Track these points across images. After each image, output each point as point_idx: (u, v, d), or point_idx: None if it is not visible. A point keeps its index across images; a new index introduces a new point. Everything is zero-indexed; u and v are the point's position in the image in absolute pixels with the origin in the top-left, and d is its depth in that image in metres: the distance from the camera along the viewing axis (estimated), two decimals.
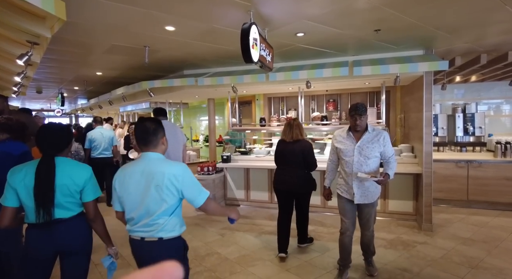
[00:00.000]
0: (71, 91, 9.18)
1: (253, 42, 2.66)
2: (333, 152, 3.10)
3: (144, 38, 3.75)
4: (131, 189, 1.81)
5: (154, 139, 1.87)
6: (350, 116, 2.84)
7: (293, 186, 3.52)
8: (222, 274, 3.23)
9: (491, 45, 4.18)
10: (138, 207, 1.80)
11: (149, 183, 1.77)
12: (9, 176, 1.83)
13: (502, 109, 6.63)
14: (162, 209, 1.79)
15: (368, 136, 2.85)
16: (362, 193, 2.90)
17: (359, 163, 2.84)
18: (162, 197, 1.77)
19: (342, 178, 3.02)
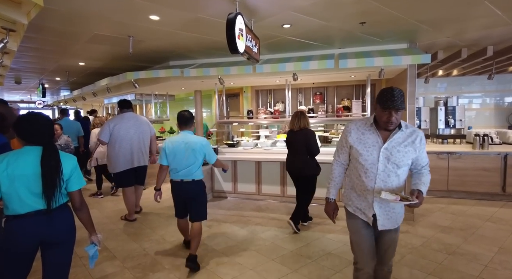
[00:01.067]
0: (53, 82, 8.90)
1: (239, 33, 2.65)
2: (343, 151, 2.15)
3: (128, 28, 3.67)
4: (176, 152, 3.11)
5: (190, 123, 3.27)
6: (381, 108, 1.83)
7: (298, 171, 4.01)
8: (208, 265, 3.27)
9: (471, 40, 4.29)
10: (181, 162, 3.13)
11: (188, 148, 3.11)
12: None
13: (481, 103, 6.85)
14: (195, 164, 3.15)
15: (401, 136, 1.95)
16: (386, 215, 2.03)
17: (385, 174, 1.95)
18: (196, 156, 3.14)
19: (355, 191, 2.12)
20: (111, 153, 4.41)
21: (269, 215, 4.80)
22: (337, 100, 7.19)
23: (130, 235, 4.07)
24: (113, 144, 4.37)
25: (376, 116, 1.94)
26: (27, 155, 1.85)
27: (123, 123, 4.40)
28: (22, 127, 1.87)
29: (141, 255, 3.51)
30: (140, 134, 4.52)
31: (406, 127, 1.99)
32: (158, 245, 3.76)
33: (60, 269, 2.04)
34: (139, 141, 4.49)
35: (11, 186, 1.78)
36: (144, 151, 4.62)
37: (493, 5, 3.08)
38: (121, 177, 4.49)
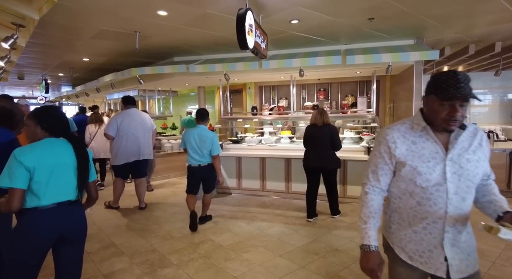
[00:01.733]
0: (55, 78, 8.87)
1: (249, 28, 2.63)
2: (385, 172, 1.45)
3: (135, 23, 3.65)
4: (192, 141, 3.89)
5: (206, 119, 4.04)
6: (439, 99, 1.27)
7: (322, 164, 4.17)
8: (216, 261, 3.27)
9: (479, 36, 4.26)
10: (197, 150, 3.91)
11: (201, 139, 3.88)
12: (21, 156, 1.75)
13: (486, 99, 6.82)
14: (207, 151, 3.93)
15: (466, 138, 1.38)
16: (462, 257, 1.38)
17: (459, 197, 1.35)
18: (206, 146, 3.89)
19: (410, 228, 1.43)
20: (118, 147, 4.57)
21: (274, 211, 4.81)
22: (341, 96, 7.16)
23: (137, 231, 4.08)
24: (120, 139, 4.54)
25: (428, 112, 1.35)
26: (59, 145, 1.89)
27: (129, 119, 4.58)
28: (46, 119, 1.89)
29: (148, 251, 3.52)
30: (145, 129, 4.75)
31: (467, 124, 1.39)
32: (165, 241, 3.77)
33: (76, 266, 2.05)
34: (144, 136, 4.72)
35: (47, 175, 1.81)
36: (148, 145, 4.85)
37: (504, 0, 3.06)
38: (121, 169, 4.72)
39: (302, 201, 5.26)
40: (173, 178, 7.03)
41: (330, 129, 4.14)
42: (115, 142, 4.60)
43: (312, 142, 4.25)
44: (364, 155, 4.86)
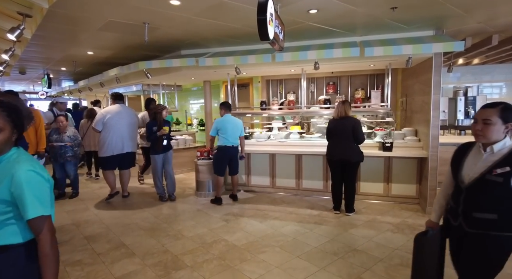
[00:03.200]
0: (57, 72, 8.69)
1: (270, 18, 2.46)
2: None
3: (145, 14, 3.46)
4: (228, 127, 4.74)
5: (230, 108, 4.91)
6: None
7: (344, 157, 4.16)
8: (232, 262, 3.15)
9: (502, 26, 4.07)
10: (231, 134, 4.74)
11: (234, 124, 4.80)
12: None
13: (500, 92, 6.65)
14: (238, 134, 4.84)
15: None
16: None
17: None
18: (239, 130, 4.84)
19: None
20: (104, 140, 4.89)
21: (286, 209, 4.69)
22: (351, 90, 6.99)
23: (147, 230, 3.96)
24: (105, 132, 4.86)
25: None
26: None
27: (115, 114, 4.92)
28: None
29: (160, 251, 3.40)
30: (130, 124, 5.06)
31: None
32: (176, 241, 3.65)
33: None
34: (128, 130, 5.03)
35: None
36: (133, 139, 5.16)
37: None
38: (106, 160, 4.98)
39: (314, 198, 5.15)
40: (179, 174, 6.89)
41: (351, 121, 4.11)
42: (101, 135, 4.93)
43: (334, 135, 4.25)
44: (378, 151, 4.72)
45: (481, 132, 1.67)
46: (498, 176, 1.62)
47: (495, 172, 1.63)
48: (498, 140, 1.66)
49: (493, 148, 1.67)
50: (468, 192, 1.74)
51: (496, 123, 1.64)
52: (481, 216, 1.69)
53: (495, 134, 1.65)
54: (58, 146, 5.09)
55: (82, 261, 3.20)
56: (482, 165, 1.69)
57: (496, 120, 1.64)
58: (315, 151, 4.95)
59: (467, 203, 1.75)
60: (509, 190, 1.60)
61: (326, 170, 5.07)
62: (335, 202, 4.43)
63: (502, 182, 1.60)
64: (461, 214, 1.78)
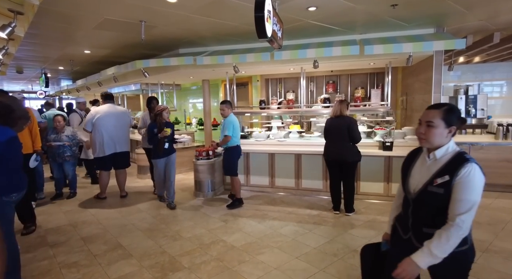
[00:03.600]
0: (55, 71, 8.63)
1: (267, 15, 2.40)
2: None
3: (141, 12, 3.41)
4: (236, 125, 4.53)
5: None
6: None
7: (340, 156, 4.10)
8: (230, 263, 3.10)
9: (504, 23, 4.02)
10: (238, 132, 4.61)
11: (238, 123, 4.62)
12: None
13: (501, 91, 6.59)
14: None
15: None
16: None
17: None
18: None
19: None
20: (95, 140, 4.88)
21: (285, 209, 4.64)
22: (351, 89, 6.93)
23: (144, 231, 3.91)
24: (96, 132, 4.84)
25: None
26: None
27: (104, 114, 4.86)
28: None
29: (158, 252, 3.35)
30: (120, 123, 5.03)
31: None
32: (174, 242, 3.60)
33: None
34: (119, 130, 5.00)
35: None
36: (124, 139, 5.11)
37: None
38: (100, 161, 4.98)
39: (313, 197, 5.10)
40: (177, 174, 6.83)
41: (346, 120, 4.05)
42: (92, 136, 4.92)
43: (330, 134, 4.21)
44: (378, 151, 4.67)
45: (423, 136, 1.51)
46: (439, 186, 1.44)
47: (436, 182, 1.46)
48: (441, 145, 1.50)
49: (435, 155, 1.50)
50: (415, 205, 1.57)
51: (438, 126, 1.46)
52: (430, 232, 1.48)
53: (437, 138, 1.48)
54: (56, 146, 5.04)
55: (78, 262, 3.15)
56: (426, 174, 1.52)
57: (439, 122, 1.46)
58: (315, 151, 4.90)
59: (415, 216, 1.58)
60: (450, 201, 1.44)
61: (325, 169, 5.01)
62: (334, 202, 4.39)
63: (443, 193, 1.42)
64: (411, 228, 1.60)
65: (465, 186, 1.38)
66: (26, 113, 3.92)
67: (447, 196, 1.42)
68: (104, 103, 5.10)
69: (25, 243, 3.60)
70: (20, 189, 2.62)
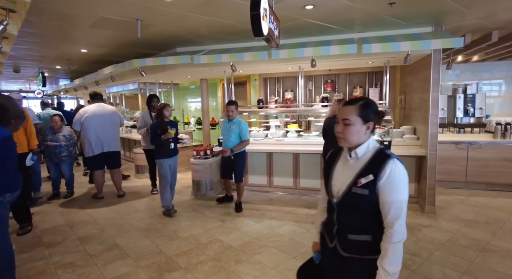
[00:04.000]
0: (52, 71, 8.59)
1: (264, 13, 2.38)
2: None
3: (137, 10, 3.38)
4: None
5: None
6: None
7: None
8: (227, 263, 3.09)
9: (502, 22, 4.01)
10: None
11: None
12: None
13: (499, 90, 6.58)
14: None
15: None
16: None
17: None
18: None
19: None
20: (83, 140, 4.92)
21: (283, 209, 4.63)
22: (349, 88, 6.91)
23: (141, 231, 3.90)
24: (84, 132, 4.86)
25: None
26: None
27: (92, 113, 4.87)
28: None
29: (154, 252, 3.33)
30: (108, 122, 4.99)
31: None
32: (171, 242, 3.58)
33: None
34: (108, 129, 4.97)
35: None
36: (113, 138, 5.07)
37: None
38: (91, 161, 5.00)
39: (311, 197, 5.09)
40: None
41: None
42: (82, 135, 4.93)
43: (329, 134, 4.12)
44: None
45: (341, 135, 1.40)
46: (364, 187, 1.33)
47: (360, 182, 1.34)
48: (361, 142, 1.39)
49: (357, 153, 1.39)
50: (339, 209, 1.44)
51: (355, 123, 1.36)
52: (356, 238, 1.39)
53: (355, 136, 1.37)
54: (53, 146, 5.02)
55: (74, 263, 3.13)
56: (349, 174, 1.41)
57: (355, 119, 1.36)
58: (313, 150, 4.89)
59: (340, 222, 1.45)
60: (377, 203, 1.33)
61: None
62: None
63: (368, 195, 1.32)
64: (336, 235, 1.46)
65: (392, 186, 1.29)
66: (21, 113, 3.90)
67: (372, 198, 1.32)
68: (92, 103, 5.09)
69: (21, 243, 3.58)
70: (14, 189, 2.60)
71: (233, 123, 4.33)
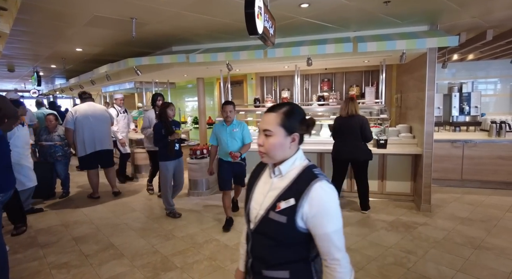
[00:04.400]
0: (48, 70, 8.53)
1: (258, 11, 2.37)
2: None
3: (132, 8, 3.36)
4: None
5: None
6: None
7: (352, 156, 4.07)
8: (223, 263, 3.09)
9: (497, 20, 4.02)
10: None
11: None
12: None
13: (495, 88, 6.61)
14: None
15: None
16: None
17: None
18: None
19: None
20: (76, 139, 4.92)
21: None
22: (346, 86, 6.92)
23: (137, 231, 3.88)
24: (77, 131, 4.87)
25: None
26: None
27: (83, 112, 4.90)
28: None
29: (150, 252, 3.32)
30: (99, 121, 5.02)
31: None
32: (167, 241, 3.57)
33: None
34: (99, 128, 4.99)
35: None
36: (104, 137, 5.09)
37: None
38: (84, 160, 4.98)
39: None
40: None
41: (359, 119, 4.00)
42: (75, 134, 4.91)
43: (340, 134, 4.13)
44: (373, 148, 4.64)
45: (263, 149, 1.15)
46: (281, 213, 1.08)
47: (279, 207, 1.09)
48: (286, 157, 1.15)
49: (280, 169, 1.15)
50: (254, 238, 1.19)
51: (277, 134, 1.12)
52: (271, 275, 1.14)
53: (278, 150, 1.13)
54: (47, 146, 4.99)
55: (69, 263, 3.11)
56: (270, 195, 1.15)
57: (277, 130, 1.11)
58: (309, 149, 4.88)
59: (254, 255, 1.20)
60: (296, 233, 1.08)
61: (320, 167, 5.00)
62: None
63: (285, 223, 1.07)
64: (250, 270, 1.22)
65: (325, 215, 1.06)
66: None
67: (290, 227, 1.07)
68: (82, 102, 5.11)
69: (15, 243, 3.56)
70: (7, 189, 2.58)
71: (235, 126, 3.80)
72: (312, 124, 1.20)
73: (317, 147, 4.83)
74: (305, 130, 1.17)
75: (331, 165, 4.90)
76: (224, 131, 3.81)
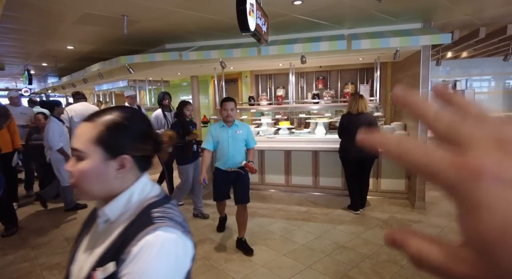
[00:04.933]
0: (39, 68, 8.40)
1: (250, 8, 2.34)
2: None
3: (123, 5, 3.31)
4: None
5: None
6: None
7: (361, 154, 3.85)
8: (216, 262, 3.07)
9: (489, 18, 4.03)
10: None
11: None
12: None
13: (488, 86, 6.65)
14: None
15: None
16: None
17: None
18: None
19: None
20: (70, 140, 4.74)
21: (275, 206, 4.62)
22: (341, 84, 6.91)
23: None
24: (73, 131, 4.74)
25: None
26: None
27: (79, 112, 4.87)
28: None
29: None
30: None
31: None
32: None
33: None
34: None
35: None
36: None
37: None
38: None
39: (303, 194, 5.08)
40: None
41: (368, 117, 3.99)
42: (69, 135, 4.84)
43: (348, 132, 4.04)
44: None
45: (74, 179, 0.77)
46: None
47: (94, 276, 0.71)
48: (112, 193, 0.78)
49: (106, 213, 0.77)
50: None
51: (90, 156, 0.75)
52: None
53: (95, 181, 0.76)
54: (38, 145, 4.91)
55: (60, 264, 3.07)
56: (95, 253, 0.76)
57: (91, 149, 0.75)
58: (305, 147, 4.87)
59: None
60: None
61: (315, 166, 5.01)
62: (356, 201, 4.25)
63: None
64: None
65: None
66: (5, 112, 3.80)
67: None
68: (75, 102, 5.12)
69: (5, 244, 3.50)
70: None
71: (237, 127, 3.22)
72: (171, 140, 0.87)
73: (312, 146, 4.82)
74: (148, 149, 0.81)
75: (326, 163, 4.92)
76: (224, 133, 3.18)
